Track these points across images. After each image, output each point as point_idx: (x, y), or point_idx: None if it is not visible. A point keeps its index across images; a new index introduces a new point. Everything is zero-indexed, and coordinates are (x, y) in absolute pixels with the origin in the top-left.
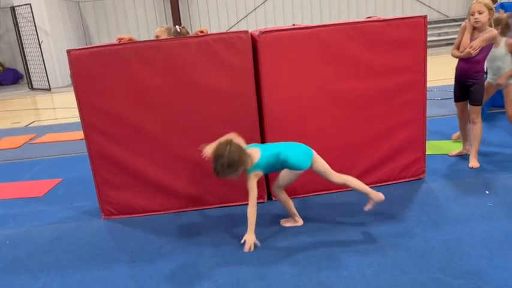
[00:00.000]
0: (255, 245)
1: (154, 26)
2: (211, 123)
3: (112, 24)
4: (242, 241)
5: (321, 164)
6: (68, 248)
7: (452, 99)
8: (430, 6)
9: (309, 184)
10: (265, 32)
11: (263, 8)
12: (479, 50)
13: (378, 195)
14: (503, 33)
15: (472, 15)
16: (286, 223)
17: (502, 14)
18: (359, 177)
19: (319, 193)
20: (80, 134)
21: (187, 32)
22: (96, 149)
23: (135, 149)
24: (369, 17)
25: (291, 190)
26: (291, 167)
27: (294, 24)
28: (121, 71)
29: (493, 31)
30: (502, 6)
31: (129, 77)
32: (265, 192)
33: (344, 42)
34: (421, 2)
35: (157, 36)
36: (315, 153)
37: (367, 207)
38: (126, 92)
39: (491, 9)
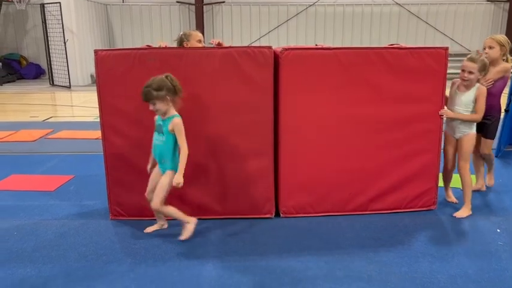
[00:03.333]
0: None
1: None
2: (227, 133)
3: (137, 30)
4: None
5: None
6: (73, 244)
7: None
8: (452, 39)
9: (318, 205)
10: (288, 49)
11: (286, 26)
12: (493, 83)
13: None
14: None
15: (484, 49)
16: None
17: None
18: (369, 202)
19: (327, 214)
20: (95, 134)
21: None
22: (111, 149)
23: (150, 152)
24: (392, 45)
25: (301, 208)
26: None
27: (317, 45)
28: (144, 76)
29: (506, 64)
30: None
31: None
32: (274, 207)
33: (364, 66)
34: (444, 34)
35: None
36: None
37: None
38: None
39: (503, 45)
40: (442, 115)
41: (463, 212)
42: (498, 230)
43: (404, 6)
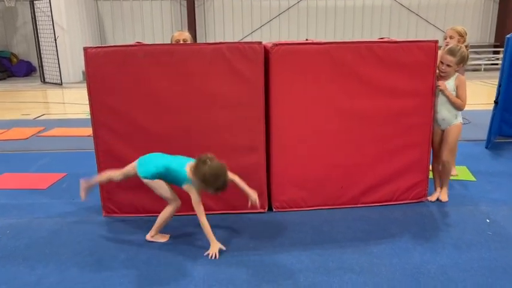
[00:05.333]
0: (220, 250)
1: (170, 31)
2: (219, 129)
3: (128, 26)
4: (205, 254)
5: None
6: (66, 242)
7: (465, 124)
8: (444, 31)
9: (310, 199)
10: (278, 44)
11: (277, 21)
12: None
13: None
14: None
15: (445, 39)
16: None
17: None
18: (360, 195)
19: (319, 208)
20: (87, 131)
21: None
22: (103, 146)
23: (142, 149)
24: (382, 38)
25: (293, 202)
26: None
27: (307, 40)
28: (135, 72)
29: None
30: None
31: (142, 78)
32: (266, 202)
33: (355, 60)
34: (435, 26)
35: (177, 40)
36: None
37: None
38: (138, 93)
39: (462, 36)
40: (439, 86)
41: (445, 195)
42: (487, 220)
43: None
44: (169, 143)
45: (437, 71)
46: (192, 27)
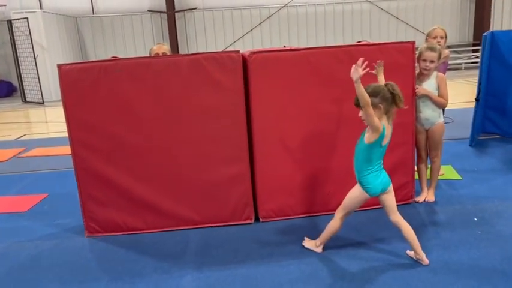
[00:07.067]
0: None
1: (151, 44)
2: (200, 140)
3: (109, 41)
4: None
5: (391, 198)
6: (48, 266)
7: (449, 123)
8: (423, 33)
9: (297, 206)
10: (256, 52)
11: (259, 29)
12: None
13: (424, 260)
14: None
15: (435, 38)
16: (307, 243)
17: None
18: None
19: (307, 215)
20: (68, 149)
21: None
22: (82, 164)
23: (122, 165)
24: (359, 41)
25: (281, 211)
26: (364, 184)
27: (285, 46)
28: (111, 87)
29: (447, 51)
30: (493, 34)
31: (119, 93)
32: (253, 212)
33: (333, 65)
34: (415, 28)
35: (157, 54)
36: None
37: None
38: (116, 108)
39: (447, 36)
40: (416, 91)
41: (431, 196)
42: (475, 219)
43: (374, 3)
44: (150, 158)
45: (417, 70)
46: (173, 40)
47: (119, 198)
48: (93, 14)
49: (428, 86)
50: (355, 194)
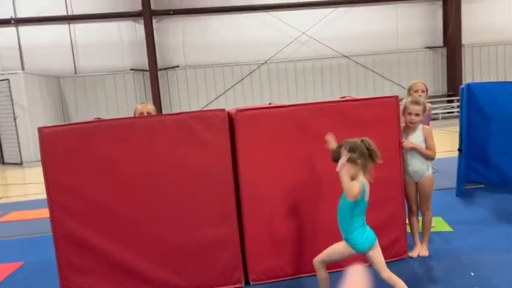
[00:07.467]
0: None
1: (134, 103)
2: (187, 201)
3: (91, 101)
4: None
5: (379, 254)
6: None
7: (433, 173)
8: (400, 85)
9: (289, 267)
10: (242, 110)
11: (241, 85)
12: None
13: None
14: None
15: (416, 91)
16: None
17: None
18: None
19: (299, 276)
20: (47, 212)
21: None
22: (62, 230)
23: (105, 230)
24: (343, 97)
25: (271, 273)
26: (351, 241)
27: (270, 103)
28: (94, 150)
29: (429, 104)
30: (469, 87)
31: (103, 155)
32: (242, 275)
33: (320, 121)
34: (391, 81)
35: (141, 113)
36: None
37: None
38: (99, 171)
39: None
40: (403, 145)
41: (425, 250)
42: (472, 274)
43: (351, 58)
44: (134, 222)
45: (402, 124)
46: (156, 98)
47: (100, 266)
48: (76, 73)
49: (415, 139)
50: (340, 249)
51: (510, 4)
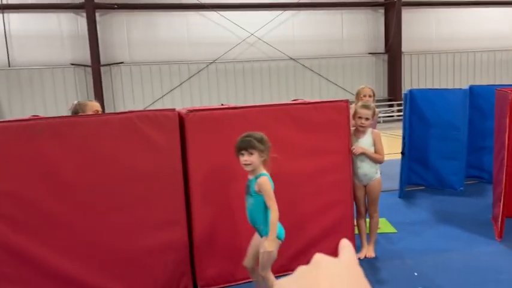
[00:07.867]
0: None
1: (74, 100)
2: (133, 204)
3: (27, 97)
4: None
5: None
6: None
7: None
8: (344, 89)
9: (238, 271)
10: (193, 110)
11: (188, 84)
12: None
13: None
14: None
15: (364, 96)
16: None
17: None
18: (290, 261)
19: (248, 280)
20: None
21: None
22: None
23: (41, 237)
24: (295, 100)
25: (221, 277)
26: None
27: (222, 104)
28: (31, 149)
29: (376, 109)
30: (411, 93)
31: (41, 155)
32: (191, 281)
33: (271, 123)
34: (336, 84)
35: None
36: None
37: None
38: (37, 173)
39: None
40: (353, 151)
41: (371, 252)
42: (415, 274)
43: (298, 61)
44: (74, 227)
45: (352, 127)
46: (99, 95)
47: (36, 277)
48: (9, 66)
49: (365, 142)
50: (257, 243)
51: (446, 15)
